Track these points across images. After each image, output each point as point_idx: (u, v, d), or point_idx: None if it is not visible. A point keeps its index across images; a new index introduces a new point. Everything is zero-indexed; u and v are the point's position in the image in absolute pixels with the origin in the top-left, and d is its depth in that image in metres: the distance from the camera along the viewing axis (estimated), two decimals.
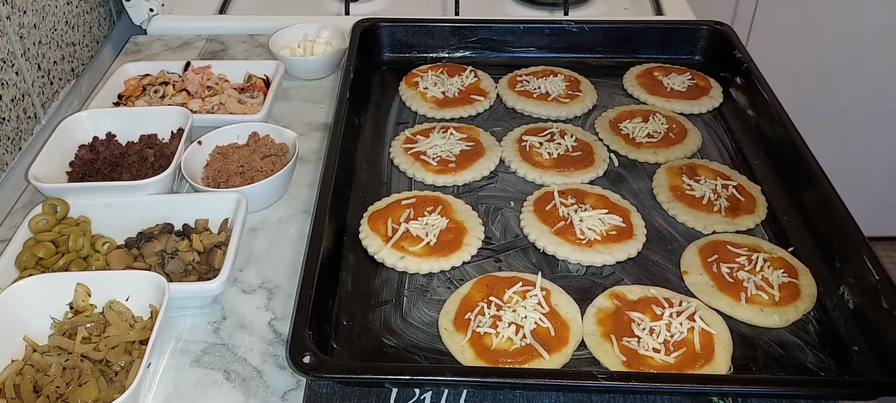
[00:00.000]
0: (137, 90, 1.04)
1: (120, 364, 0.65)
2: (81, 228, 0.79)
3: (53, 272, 0.74)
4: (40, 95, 1.01)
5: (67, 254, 0.76)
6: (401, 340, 0.72)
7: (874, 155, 2.10)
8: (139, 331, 0.68)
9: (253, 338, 0.73)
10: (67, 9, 1.09)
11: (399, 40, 1.18)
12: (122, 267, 0.76)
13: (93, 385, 0.62)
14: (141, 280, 0.70)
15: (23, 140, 0.96)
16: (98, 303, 0.70)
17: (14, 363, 0.65)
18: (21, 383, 0.62)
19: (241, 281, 0.79)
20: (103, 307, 0.70)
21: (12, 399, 0.61)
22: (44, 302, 0.69)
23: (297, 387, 0.68)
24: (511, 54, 1.18)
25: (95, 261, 0.76)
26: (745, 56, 1.09)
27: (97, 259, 0.77)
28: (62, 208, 0.80)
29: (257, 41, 1.24)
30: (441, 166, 0.93)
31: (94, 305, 0.70)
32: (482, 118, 1.06)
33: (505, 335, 0.70)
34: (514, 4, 1.39)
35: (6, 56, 0.92)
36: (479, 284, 0.76)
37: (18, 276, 0.73)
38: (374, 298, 0.77)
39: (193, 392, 0.68)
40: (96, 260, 0.76)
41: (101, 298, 0.70)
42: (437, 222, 0.83)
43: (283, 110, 1.07)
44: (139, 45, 1.24)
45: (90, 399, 0.62)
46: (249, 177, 0.88)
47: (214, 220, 0.82)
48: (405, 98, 1.09)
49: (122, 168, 0.88)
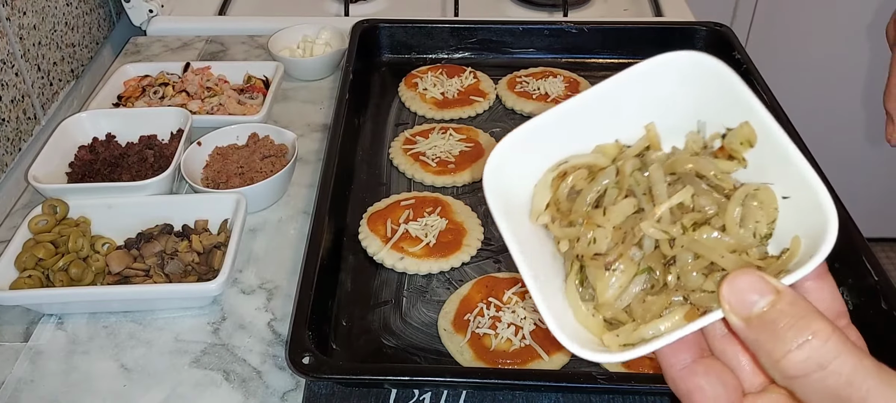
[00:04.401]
0: (137, 91, 1.04)
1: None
2: (81, 229, 0.79)
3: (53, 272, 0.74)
4: (40, 96, 1.01)
5: (67, 255, 0.76)
6: (400, 341, 0.72)
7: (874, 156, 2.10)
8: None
9: (252, 339, 0.73)
10: (67, 10, 1.10)
11: (398, 41, 1.18)
12: (121, 267, 0.76)
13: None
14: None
15: (22, 141, 0.96)
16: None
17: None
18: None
19: (241, 282, 0.79)
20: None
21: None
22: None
23: (297, 388, 0.68)
24: (510, 55, 1.18)
25: (95, 262, 0.76)
26: (744, 57, 1.09)
27: (97, 259, 0.77)
28: (62, 209, 0.80)
29: (257, 42, 1.24)
30: (440, 167, 0.93)
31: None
32: (481, 119, 1.06)
33: (504, 336, 0.70)
34: (514, 5, 1.39)
35: (6, 57, 0.93)
36: (479, 285, 0.76)
37: (18, 277, 0.73)
38: (373, 299, 0.77)
39: (192, 392, 0.68)
40: (96, 261, 0.76)
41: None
42: (437, 223, 0.83)
43: (283, 111, 1.07)
44: (139, 46, 1.24)
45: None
46: (249, 177, 0.88)
47: (214, 221, 0.82)
48: (404, 99, 1.09)
49: (122, 169, 0.88)
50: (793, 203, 0.36)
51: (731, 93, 0.37)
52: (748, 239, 0.36)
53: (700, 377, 0.35)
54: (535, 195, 0.41)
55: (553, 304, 0.37)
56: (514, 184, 0.41)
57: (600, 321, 0.38)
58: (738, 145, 0.37)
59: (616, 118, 0.40)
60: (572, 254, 0.39)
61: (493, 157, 0.40)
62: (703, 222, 0.36)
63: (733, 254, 0.35)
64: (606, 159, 0.40)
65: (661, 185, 0.37)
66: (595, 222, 0.38)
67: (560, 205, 0.41)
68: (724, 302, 0.32)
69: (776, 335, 0.30)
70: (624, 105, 0.40)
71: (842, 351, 0.29)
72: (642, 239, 0.37)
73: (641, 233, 0.37)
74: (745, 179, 0.38)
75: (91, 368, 0.70)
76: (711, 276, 0.36)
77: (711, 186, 0.37)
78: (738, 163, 0.38)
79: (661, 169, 0.38)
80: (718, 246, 0.36)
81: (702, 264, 0.36)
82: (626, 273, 0.37)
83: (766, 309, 0.31)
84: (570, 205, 0.40)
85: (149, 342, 0.72)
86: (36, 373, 0.69)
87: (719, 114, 0.38)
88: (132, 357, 0.71)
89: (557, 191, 0.41)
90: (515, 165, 0.41)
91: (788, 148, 0.35)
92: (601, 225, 0.38)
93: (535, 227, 0.41)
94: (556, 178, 0.41)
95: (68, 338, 0.73)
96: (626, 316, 0.37)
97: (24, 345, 0.72)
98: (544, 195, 0.41)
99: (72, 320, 0.75)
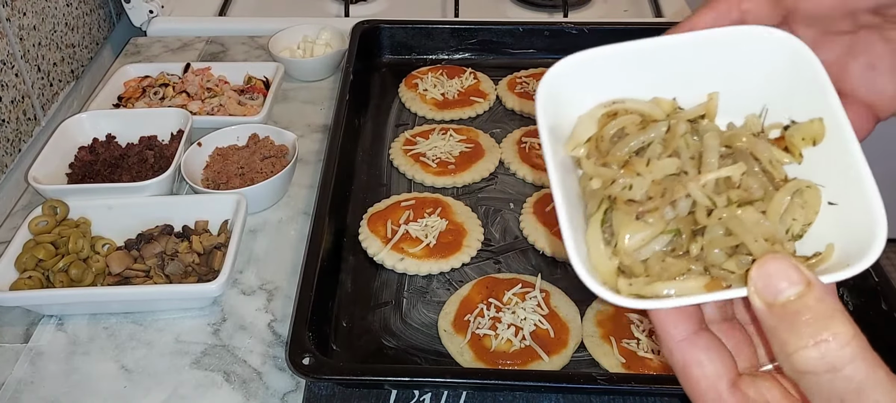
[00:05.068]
0: (137, 92, 1.04)
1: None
2: (81, 230, 0.79)
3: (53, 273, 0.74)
4: (40, 97, 1.01)
5: (67, 256, 0.76)
6: (400, 341, 0.72)
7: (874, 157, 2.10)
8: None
9: (253, 340, 0.73)
10: (67, 11, 1.10)
11: (399, 42, 1.18)
12: (121, 268, 0.76)
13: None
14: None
15: (22, 141, 0.96)
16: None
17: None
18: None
19: (241, 283, 0.79)
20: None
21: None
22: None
23: (297, 389, 0.68)
24: (511, 56, 1.18)
25: (95, 263, 0.76)
26: None
27: (97, 260, 0.77)
28: (62, 209, 0.80)
29: (257, 43, 1.24)
30: (440, 168, 0.93)
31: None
32: (482, 120, 1.06)
33: (504, 336, 0.70)
34: (514, 6, 1.39)
35: (6, 58, 0.93)
36: (479, 286, 0.76)
37: (18, 278, 0.73)
38: (373, 300, 0.77)
39: (193, 393, 0.68)
40: (96, 262, 0.76)
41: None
42: (437, 224, 0.83)
43: (283, 112, 1.07)
44: (139, 46, 1.24)
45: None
46: (249, 178, 0.88)
47: (214, 222, 0.82)
48: (405, 99, 1.09)
49: (122, 169, 0.88)
50: (838, 211, 0.35)
51: (811, 84, 0.36)
52: (782, 233, 0.36)
53: (701, 351, 0.34)
54: (578, 124, 0.40)
55: (577, 236, 0.36)
56: (562, 105, 0.40)
57: (615, 266, 0.37)
58: (799, 140, 0.37)
59: (683, 75, 0.39)
60: (603, 194, 0.38)
61: (552, 71, 0.39)
62: (747, 202, 0.36)
63: (766, 242, 0.35)
64: (661, 113, 0.39)
65: (714, 154, 0.37)
66: (635, 170, 0.37)
67: (600, 144, 0.39)
68: (751, 283, 0.31)
69: (795, 327, 0.30)
70: (695, 65, 0.39)
71: (857, 358, 0.29)
72: (678, 200, 0.36)
73: (682, 193, 0.36)
74: (795, 174, 0.37)
75: (91, 369, 0.70)
76: (735, 257, 0.35)
77: (762, 170, 0.37)
78: (794, 158, 0.37)
79: (717, 139, 0.37)
80: (755, 230, 0.35)
81: (730, 243, 0.35)
82: (655, 227, 0.36)
83: (793, 299, 0.30)
84: (611, 147, 0.39)
85: (149, 343, 0.72)
86: (36, 374, 0.69)
87: (788, 101, 0.37)
88: (132, 358, 0.71)
89: (603, 129, 0.40)
90: (570, 87, 0.40)
91: (856, 156, 0.34)
92: (641, 174, 0.37)
93: (565, 158, 0.40)
94: (606, 116, 0.40)
95: (68, 339, 0.73)
96: (641, 268, 0.36)
97: (25, 346, 0.72)
98: (589, 128, 0.40)
99: (72, 321, 0.75)
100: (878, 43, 0.40)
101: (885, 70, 0.40)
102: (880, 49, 0.40)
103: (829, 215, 0.36)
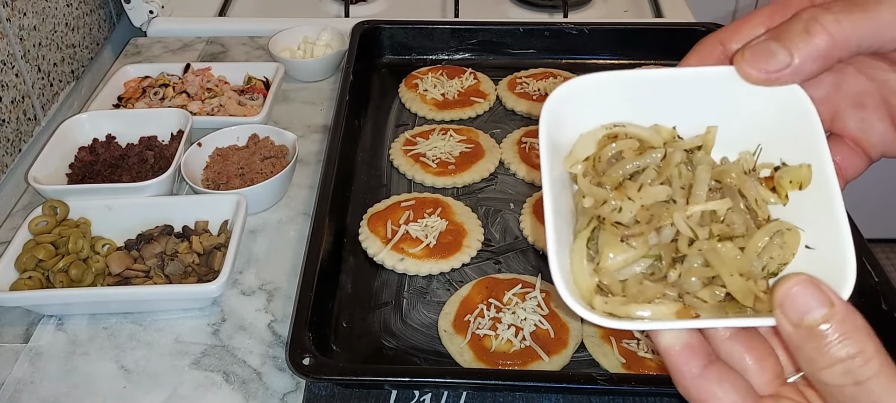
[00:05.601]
0: (137, 92, 1.04)
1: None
2: (81, 230, 0.79)
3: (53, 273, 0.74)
4: (40, 97, 1.01)
5: (67, 256, 0.76)
6: (400, 342, 0.72)
7: None
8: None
9: (252, 340, 0.73)
10: (67, 11, 1.10)
11: (399, 42, 1.18)
12: (121, 269, 0.76)
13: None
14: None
15: (23, 142, 0.96)
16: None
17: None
18: None
19: (241, 283, 0.79)
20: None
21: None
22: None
23: (297, 389, 0.68)
24: (511, 56, 1.18)
25: (95, 263, 0.76)
26: None
27: (97, 260, 0.77)
28: (62, 210, 0.80)
29: (257, 43, 1.24)
30: (441, 168, 0.93)
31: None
32: (482, 120, 1.06)
33: (504, 337, 0.70)
34: (514, 6, 1.39)
35: (6, 58, 0.93)
36: (479, 286, 0.76)
37: (18, 278, 0.73)
38: (373, 300, 0.77)
39: (193, 394, 0.68)
40: (96, 262, 0.76)
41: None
42: (437, 224, 0.83)
43: (283, 112, 1.07)
44: (139, 46, 1.24)
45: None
46: (249, 178, 0.88)
47: (214, 222, 0.82)
48: (405, 100, 1.09)
49: (122, 170, 0.88)
50: (814, 255, 0.37)
51: (805, 132, 0.38)
52: (758, 270, 0.37)
53: (714, 384, 0.35)
54: (578, 142, 0.42)
55: (561, 250, 0.37)
56: (565, 124, 0.41)
57: (594, 284, 0.38)
58: (787, 182, 0.38)
59: (685, 106, 0.41)
60: (592, 213, 0.40)
61: (562, 89, 0.41)
62: (727, 237, 0.37)
63: (741, 277, 0.36)
64: (659, 140, 0.41)
65: (704, 187, 0.38)
66: (627, 193, 0.39)
67: (598, 164, 0.41)
68: (777, 306, 0.32)
69: (822, 347, 0.31)
70: (699, 97, 0.40)
71: (879, 373, 0.31)
72: (664, 228, 0.38)
73: (667, 221, 0.38)
74: (779, 215, 0.39)
75: (91, 369, 0.70)
76: (709, 287, 0.37)
77: (747, 208, 0.39)
78: (779, 199, 0.39)
79: (708, 173, 0.39)
80: (732, 264, 0.36)
81: (706, 273, 0.37)
82: (638, 251, 0.38)
83: (818, 319, 0.31)
84: (607, 168, 0.41)
85: (149, 343, 0.72)
86: (36, 375, 0.69)
87: (781, 144, 0.39)
88: (132, 358, 0.71)
89: (602, 150, 0.41)
90: (576, 106, 0.41)
91: (837, 206, 0.36)
92: (632, 198, 0.39)
93: (563, 174, 0.42)
94: (606, 137, 0.42)
95: (68, 339, 0.73)
96: (619, 288, 0.38)
97: (25, 346, 0.72)
98: (589, 147, 0.42)
99: (72, 321, 0.75)
100: (864, 81, 0.41)
101: (873, 110, 0.41)
102: (869, 89, 0.41)
103: (806, 257, 0.37)
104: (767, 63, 0.36)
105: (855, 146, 0.42)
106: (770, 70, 0.36)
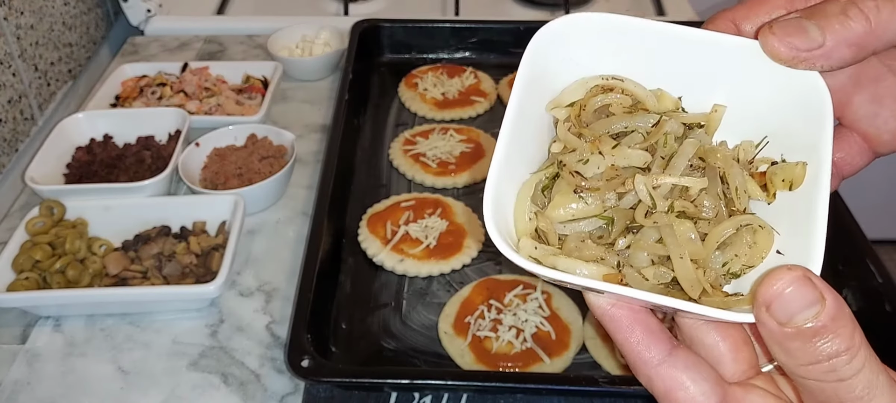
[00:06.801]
0: (135, 91, 1.03)
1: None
2: (78, 230, 0.78)
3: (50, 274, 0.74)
4: (37, 97, 1.00)
5: (64, 257, 0.75)
6: (400, 343, 0.72)
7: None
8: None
9: (251, 342, 0.72)
10: (64, 10, 1.09)
11: (398, 41, 1.18)
12: (118, 269, 0.75)
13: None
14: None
15: (19, 141, 0.96)
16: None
17: None
18: None
19: (239, 284, 0.79)
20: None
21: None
22: None
23: (296, 391, 0.68)
24: (511, 55, 1.18)
25: (92, 264, 0.76)
26: None
27: (94, 261, 0.76)
28: (59, 210, 0.79)
29: (255, 42, 1.23)
30: (441, 168, 0.93)
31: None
32: (482, 119, 1.06)
33: (505, 338, 0.69)
34: (515, 5, 1.39)
35: (3, 57, 0.92)
36: (480, 287, 0.76)
37: (15, 279, 0.73)
38: (373, 301, 0.76)
39: (191, 395, 0.67)
40: (93, 263, 0.76)
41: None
42: (437, 224, 0.83)
43: (282, 111, 1.07)
44: (136, 46, 1.23)
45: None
46: (247, 178, 0.87)
47: (212, 222, 0.81)
48: (404, 99, 1.08)
49: (120, 170, 0.88)
50: (781, 261, 0.34)
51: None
52: (716, 263, 0.34)
53: (681, 372, 0.32)
54: (569, 87, 0.39)
55: (503, 181, 0.34)
56: (561, 62, 0.38)
57: (532, 227, 0.35)
58: (779, 180, 0.36)
59: (695, 73, 0.38)
60: (556, 158, 0.37)
61: (556, 25, 0.37)
62: (690, 217, 0.34)
63: (691, 263, 0.33)
64: (656, 105, 0.38)
65: (683, 160, 0.35)
66: (599, 148, 0.36)
67: (582, 113, 0.38)
68: (762, 304, 0.29)
69: (808, 346, 0.28)
70: (712, 66, 0.37)
71: (863, 368, 0.29)
72: (627, 193, 0.35)
73: (630, 186, 0.34)
74: (759, 213, 0.36)
75: (88, 370, 0.69)
76: (655, 267, 0.33)
77: (724, 195, 0.35)
78: (766, 197, 0.36)
79: (694, 148, 0.36)
80: (686, 247, 0.33)
81: (658, 250, 0.33)
82: (589, 207, 0.35)
83: (809, 318, 0.28)
84: (591, 121, 0.37)
85: (146, 344, 0.72)
86: (33, 376, 0.69)
87: (786, 135, 0.36)
88: (130, 359, 0.70)
89: (590, 100, 0.38)
90: (579, 45, 0.38)
91: (819, 217, 0.33)
92: (603, 154, 0.36)
93: (543, 115, 0.38)
94: (598, 87, 0.38)
95: (65, 340, 0.72)
96: (555, 239, 0.35)
97: (21, 347, 0.72)
98: (577, 93, 0.38)
99: (69, 322, 0.74)
100: (887, 77, 0.38)
101: (888, 105, 0.38)
102: (888, 83, 0.38)
103: (773, 262, 0.34)
104: (798, 39, 0.33)
105: (861, 140, 0.39)
106: (800, 47, 0.33)
